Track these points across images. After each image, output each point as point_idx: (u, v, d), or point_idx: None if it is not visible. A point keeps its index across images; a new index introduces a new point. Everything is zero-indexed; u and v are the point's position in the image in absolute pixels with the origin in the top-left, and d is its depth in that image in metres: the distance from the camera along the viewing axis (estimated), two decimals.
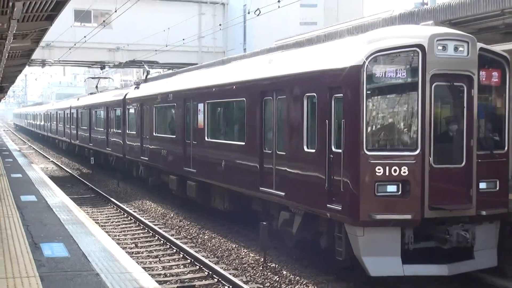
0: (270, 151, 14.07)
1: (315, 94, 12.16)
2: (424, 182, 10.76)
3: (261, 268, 13.22)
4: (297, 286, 11.84)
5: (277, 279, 12.38)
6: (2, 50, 23.05)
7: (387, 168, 10.70)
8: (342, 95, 11.25)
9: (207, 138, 17.86)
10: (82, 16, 40.68)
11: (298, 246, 13.80)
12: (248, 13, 37.06)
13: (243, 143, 15.40)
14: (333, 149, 11.50)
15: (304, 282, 12.01)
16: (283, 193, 13.23)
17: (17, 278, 8.52)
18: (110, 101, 31.33)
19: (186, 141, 19.53)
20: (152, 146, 23.29)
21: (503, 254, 11.66)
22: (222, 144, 16.99)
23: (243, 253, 14.55)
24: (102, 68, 45.12)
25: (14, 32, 18.23)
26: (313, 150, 12.19)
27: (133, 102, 26.71)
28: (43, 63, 44.81)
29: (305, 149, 12.50)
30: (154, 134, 23.25)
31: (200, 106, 18.23)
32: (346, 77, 11.11)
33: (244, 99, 15.32)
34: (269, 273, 12.80)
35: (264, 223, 13.59)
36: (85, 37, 35.39)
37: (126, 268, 9.33)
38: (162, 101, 22.38)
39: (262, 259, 13.61)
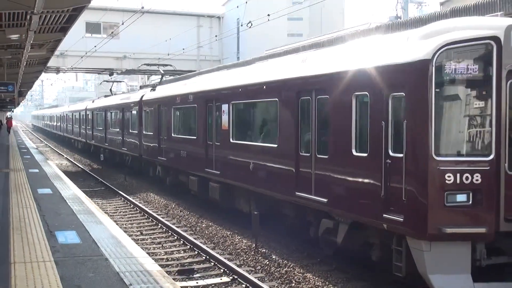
0: (307, 154, 11.82)
1: (367, 93, 9.96)
2: (499, 191, 8.77)
3: (252, 253, 13.21)
4: (285, 269, 11.82)
5: (267, 262, 12.37)
6: (21, 59, 22.97)
7: (458, 175, 8.71)
8: (403, 93, 9.15)
9: (232, 140, 15.60)
10: (92, 28, 40.75)
11: (341, 256, 11.91)
12: (241, 25, 37.20)
13: (275, 146, 13.14)
14: (391, 153, 9.38)
15: (291, 265, 12.01)
16: (324, 200, 11.08)
17: (34, 263, 8.49)
18: (126, 103, 29.14)
19: (208, 143, 17.31)
20: (171, 147, 21.15)
21: None
22: (250, 146, 14.65)
23: (236, 240, 14.53)
24: (111, 74, 45.04)
25: (32, 42, 18.21)
26: (364, 154, 10.00)
27: (150, 104, 24.42)
28: (57, 70, 44.73)
29: (354, 153, 10.29)
30: (172, 135, 21.00)
31: (224, 107, 15.98)
32: (410, 73, 9.06)
33: (277, 99, 13.08)
34: (260, 257, 12.79)
35: (256, 212, 13.56)
36: (95, 46, 35.48)
37: (132, 253, 9.30)
38: (182, 102, 19.99)
39: (254, 245, 13.60)
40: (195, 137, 18.61)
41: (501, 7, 9.19)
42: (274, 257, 12.73)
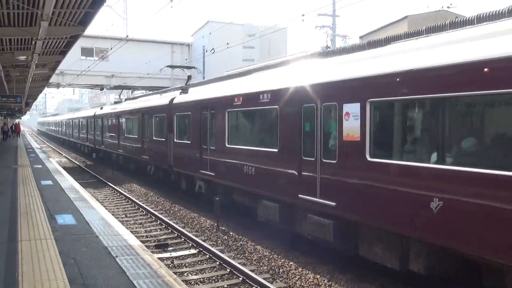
0: None
1: None
2: None
3: (215, 230, 13.19)
4: (240, 243, 11.85)
5: (226, 238, 12.38)
6: (27, 76, 22.41)
7: None
8: None
9: (370, 158, 7.91)
10: (87, 51, 40.21)
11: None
12: (206, 51, 37.11)
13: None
14: None
15: (245, 240, 12.04)
16: None
17: (38, 240, 8.29)
18: (149, 107, 21.12)
19: (304, 158, 9.74)
20: (223, 160, 13.48)
21: None
22: (427, 170, 6.84)
23: (202, 220, 14.48)
24: (101, 89, 44.39)
25: (36, 62, 17.80)
26: None
27: (185, 108, 16.73)
28: (58, 85, 43.88)
29: None
30: (227, 145, 13.26)
31: (350, 108, 8.37)
32: None
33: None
34: (220, 234, 12.78)
35: (217, 198, 13.52)
36: (89, 67, 34.92)
37: (118, 232, 9.17)
38: (245, 104, 12.36)
39: (216, 224, 13.59)
40: (275, 150, 10.92)
41: (409, 37, 9.47)
42: (231, 233, 12.74)
